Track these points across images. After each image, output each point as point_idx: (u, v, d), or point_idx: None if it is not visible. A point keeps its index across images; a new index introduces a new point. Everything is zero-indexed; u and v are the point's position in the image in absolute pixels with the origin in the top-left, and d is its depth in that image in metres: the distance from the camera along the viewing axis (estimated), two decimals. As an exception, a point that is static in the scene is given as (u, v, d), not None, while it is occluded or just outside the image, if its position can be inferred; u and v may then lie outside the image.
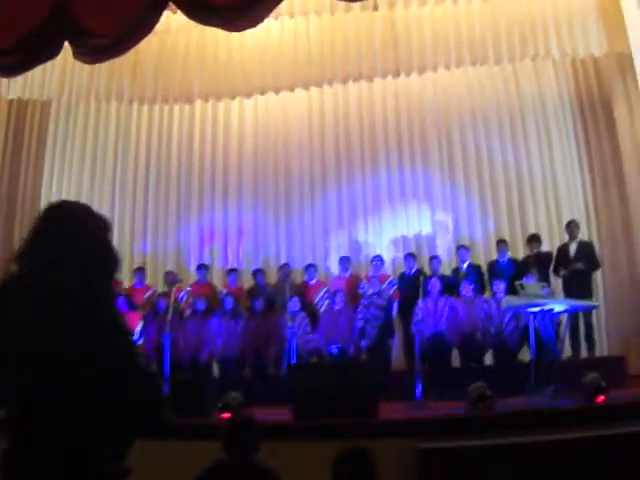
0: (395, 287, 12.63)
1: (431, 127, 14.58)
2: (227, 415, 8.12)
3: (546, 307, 9.39)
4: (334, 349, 11.75)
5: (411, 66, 13.45)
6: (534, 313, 9.59)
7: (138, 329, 12.02)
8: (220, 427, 4.78)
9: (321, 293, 13.06)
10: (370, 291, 12.27)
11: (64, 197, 14.51)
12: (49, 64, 12.46)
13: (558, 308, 9.74)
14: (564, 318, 10.84)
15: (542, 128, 14.13)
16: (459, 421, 7.49)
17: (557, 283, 11.96)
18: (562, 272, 11.71)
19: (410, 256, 12.96)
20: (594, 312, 11.75)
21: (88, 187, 15.18)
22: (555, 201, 13.84)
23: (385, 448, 6.12)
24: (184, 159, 15.27)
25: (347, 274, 13.26)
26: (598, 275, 12.53)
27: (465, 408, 7.82)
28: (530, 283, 10.14)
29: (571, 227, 12.13)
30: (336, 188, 14.80)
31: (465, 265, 12.43)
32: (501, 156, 14.23)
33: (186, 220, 14.99)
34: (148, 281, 13.86)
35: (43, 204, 14.40)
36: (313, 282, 13.24)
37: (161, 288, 13.37)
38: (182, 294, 12.92)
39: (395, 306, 12.38)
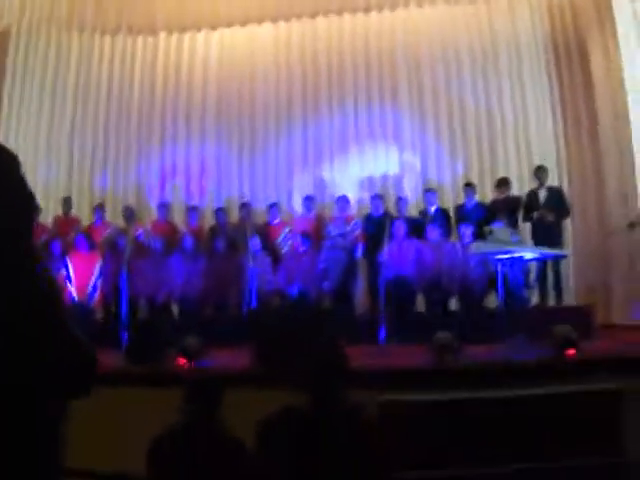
0: (360, 229, 12.32)
1: (401, 66, 14.23)
2: (184, 361, 7.91)
3: (516, 254, 9.19)
4: (295, 290, 11.53)
5: (382, 2, 13.13)
6: (503, 260, 9.40)
7: (97, 268, 11.77)
8: (181, 384, 4.48)
9: (284, 233, 12.76)
10: (334, 232, 12.00)
11: (22, 128, 14.17)
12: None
13: (528, 256, 9.54)
14: (533, 266, 10.70)
15: (515, 70, 13.82)
16: (424, 372, 7.30)
17: (525, 229, 11.75)
18: (534, 215, 11.47)
19: (377, 197, 12.65)
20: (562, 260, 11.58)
21: (47, 120, 14.69)
22: (526, 145, 13.57)
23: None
24: (146, 93, 14.86)
25: (311, 214, 12.95)
26: (567, 222, 12.31)
27: (429, 358, 7.62)
28: (499, 228, 9.91)
29: (540, 172, 11.83)
30: (302, 126, 14.51)
31: (433, 209, 12.15)
32: (472, 97, 13.90)
33: (147, 156, 14.65)
34: (108, 218, 13.50)
35: (1, 135, 14.03)
36: (276, 222, 12.93)
37: (121, 225, 13.01)
38: (140, 232, 12.57)
39: (360, 248, 12.12)
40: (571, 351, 7.43)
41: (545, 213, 11.25)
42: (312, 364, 3.85)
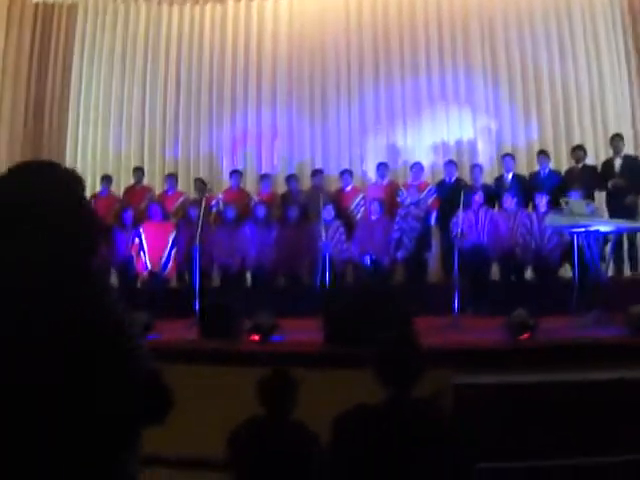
0: (434, 196, 12.19)
1: (475, 29, 13.94)
2: (257, 337, 7.95)
3: (591, 228, 9.05)
4: (368, 260, 11.48)
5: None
6: (578, 232, 9.26)
7: (171, 238, 11.83)
8: (256, 381, 4.42)
9: (357, 200, 12.67)
10: (408, 200, 11.88)
11: (92, 102, 14.33)
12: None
13: (603, 229, 9.39)
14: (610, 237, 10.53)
15: (590, 34, 13.44)
16: (498, 352, 7.22)
17: (601, 199, 11.52)
18: (609, 184, 11.24)
19: (450, 163, 12.54)
20: (638, 230, 11.36)
21: (118, 93, 14.81)
22: (602, 112, 13.25)
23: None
24: (216, 61, 14.79)
25: (384, 181, 12.81)
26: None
27: (504, 336, 7.54)
28: (575, 200, 9.76)
29: (616, 141, 11.58)
30: (374, 90, 14.31)
31: (510, 175, 11.95)
32: (546, 61, 13.56)
33: (219, 123, 14.64)
34: (180, 187, 13.57)
35: (71, 110, 14.20)
36: (348, 189, 12.83)
37: (193, 195, 13.06)
38: (214, 202, 12.55)
39: (433, 216, 12.02)
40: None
41: (619, 182, 11.02)
42: (385, 341, 3.81)
